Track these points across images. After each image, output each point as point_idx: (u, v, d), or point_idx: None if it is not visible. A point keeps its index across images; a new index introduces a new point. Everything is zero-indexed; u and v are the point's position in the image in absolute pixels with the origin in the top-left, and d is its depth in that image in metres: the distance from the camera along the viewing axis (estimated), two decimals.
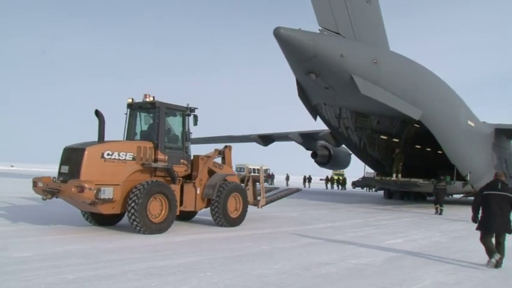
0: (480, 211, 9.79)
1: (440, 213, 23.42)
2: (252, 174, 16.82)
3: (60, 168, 11.99)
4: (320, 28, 20.30)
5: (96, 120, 12.39)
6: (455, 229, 16.62)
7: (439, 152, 28.35)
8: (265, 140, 44.60)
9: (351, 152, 35.30)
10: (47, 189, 11.66)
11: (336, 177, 64.59)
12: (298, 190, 21.53)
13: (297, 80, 23.28)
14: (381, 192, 41.59)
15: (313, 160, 39.31)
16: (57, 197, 11.74)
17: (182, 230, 13.06)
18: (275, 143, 45.58)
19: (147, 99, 13.11)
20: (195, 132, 14.53)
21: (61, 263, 7.93)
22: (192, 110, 13.77)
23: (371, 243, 12.16)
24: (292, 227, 14.98)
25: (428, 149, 35.39)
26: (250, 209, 15.64)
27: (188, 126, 13.86)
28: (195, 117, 13.87)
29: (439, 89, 26.27)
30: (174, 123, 13.76)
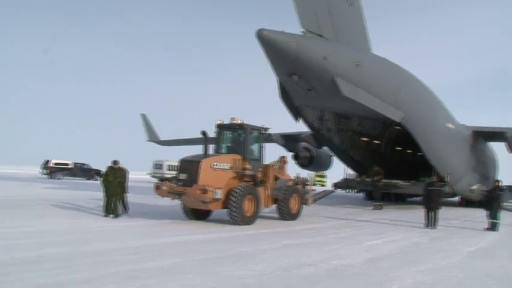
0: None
1: (380, 209, 26.41)
2: (301, 177, 19.39)
3: (178, 175, 15.49)
4: (303, 30, 20.38)
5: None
6: (434, 230, 16.83)
7: (419, 153, 28.71)
8: None
9: (332, 154, 35.49)
10: (173, 191, 15.15)
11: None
12: (333, 191, 26.49)
13: (279, 82, 23.33)
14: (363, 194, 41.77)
15: (295, 162, 39.36)
16: (179, 198, 15.33)
17: (163, 232, 13.01)
18: None
19: (235, 122, 16.54)
20: (176, 134, 15.85)
21: (37, 267, 7.78)
22: (266, 129, 17.25)
23: (351, 244, 12.26)
24: (273, 229, 15.02)
25: (408, 151, 35.78)
26: None
27: (263, 141, 17.41)
28: (269, 135, 17.55)
29: (419, 91, 26.59)
30: (253, 139, 17.05)
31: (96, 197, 22.91)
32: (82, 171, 53.16)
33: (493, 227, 17.60)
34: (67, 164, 52.24)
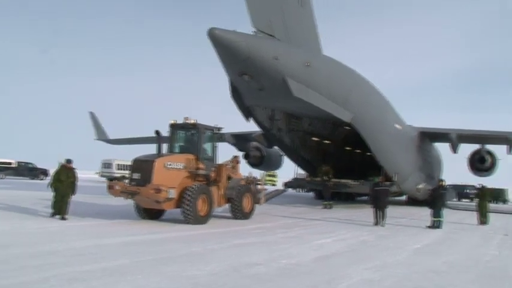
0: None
1: (329, 208, 26.97)
2: (254, 177, 19.64)
3: (132, 175, 15.29)
4: (254, 30, 20.40)
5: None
6: (380, 228, 17.23)
7: (368, 153, 29.33)
8: None
9: (283, 153, 35.76)
10: (126, 191, 14.93)
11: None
12: (284, 191, 28.00)
13: (230, 81, 23.26)
14: (313, 193, 42.28)
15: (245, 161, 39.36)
16: (132, 198, 15.13)
17: (114, 232, 12.63)
18: None
19: (188, 121, 16.55)
20: (125, 132, 15.60)
21: None
22: (219, 129, 17.39)
23: (301, 243, 12.35)
24: (223, 228, 14.95)
25: (358, 151, 36.52)
26: None
27: (216, 141, 17.48)
28: (222, 134, 18.05)
29: (369, 93, 27.16)
30: (207, 139, 17.15)
31: (41, 197, 22.09)
32: (27, 170, 51.23)
33: (437, 224, 18.22)
34: (10, 163, 50.15)
